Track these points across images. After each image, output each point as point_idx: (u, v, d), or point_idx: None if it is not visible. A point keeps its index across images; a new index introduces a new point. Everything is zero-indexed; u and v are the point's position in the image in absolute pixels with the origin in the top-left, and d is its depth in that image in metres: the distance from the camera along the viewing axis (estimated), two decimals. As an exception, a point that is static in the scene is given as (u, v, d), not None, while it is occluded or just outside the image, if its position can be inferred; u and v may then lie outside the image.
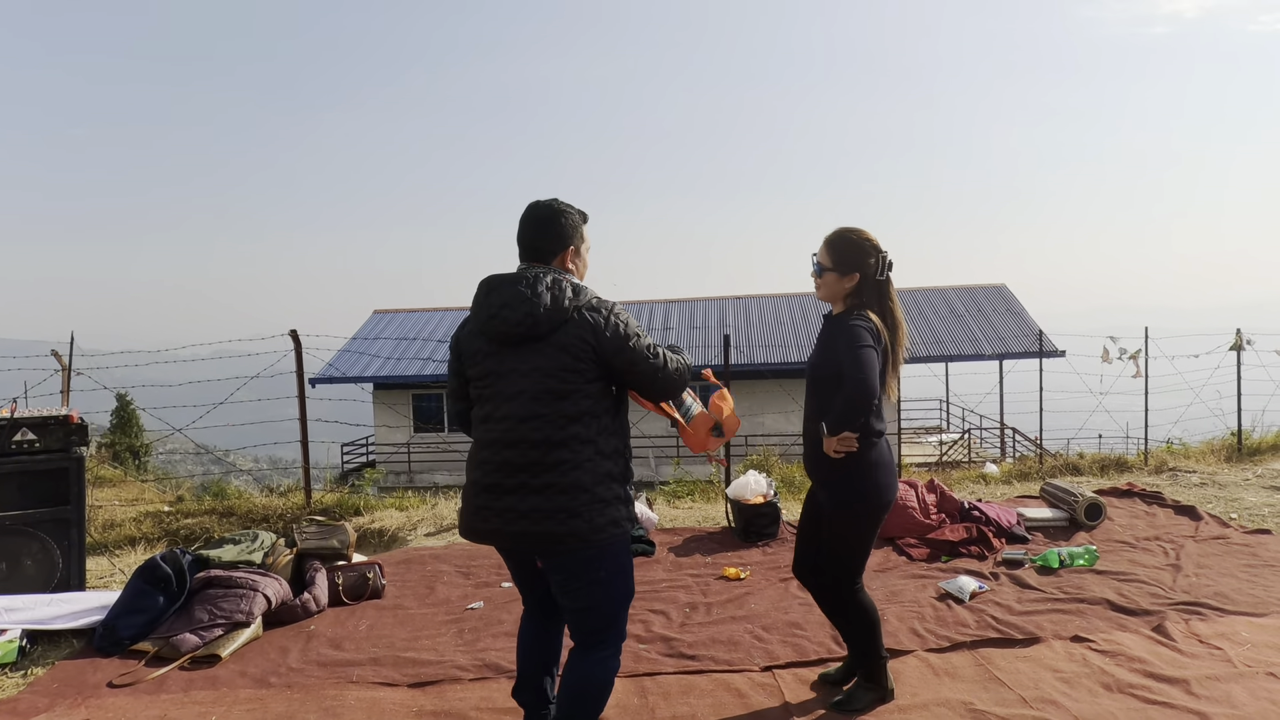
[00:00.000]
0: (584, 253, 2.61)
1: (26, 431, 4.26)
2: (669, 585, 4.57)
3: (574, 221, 2.55)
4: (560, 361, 2.37)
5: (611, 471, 2.44)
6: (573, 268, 2.56)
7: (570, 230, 2.54)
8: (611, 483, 2.43)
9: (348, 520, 6.11)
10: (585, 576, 2.43)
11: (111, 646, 3.72)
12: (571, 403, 2.38)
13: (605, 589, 2.46)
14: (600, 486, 2.40)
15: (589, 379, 2.39)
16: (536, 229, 2.53)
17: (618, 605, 2.52)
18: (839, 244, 2.88)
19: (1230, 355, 8.54)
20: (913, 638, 3.68)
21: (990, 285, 24.01)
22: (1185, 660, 3.38)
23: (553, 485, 2.36)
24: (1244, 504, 6.09)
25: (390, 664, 3.58)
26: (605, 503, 2.40)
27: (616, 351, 2.39)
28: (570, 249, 2.54)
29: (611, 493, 2.42)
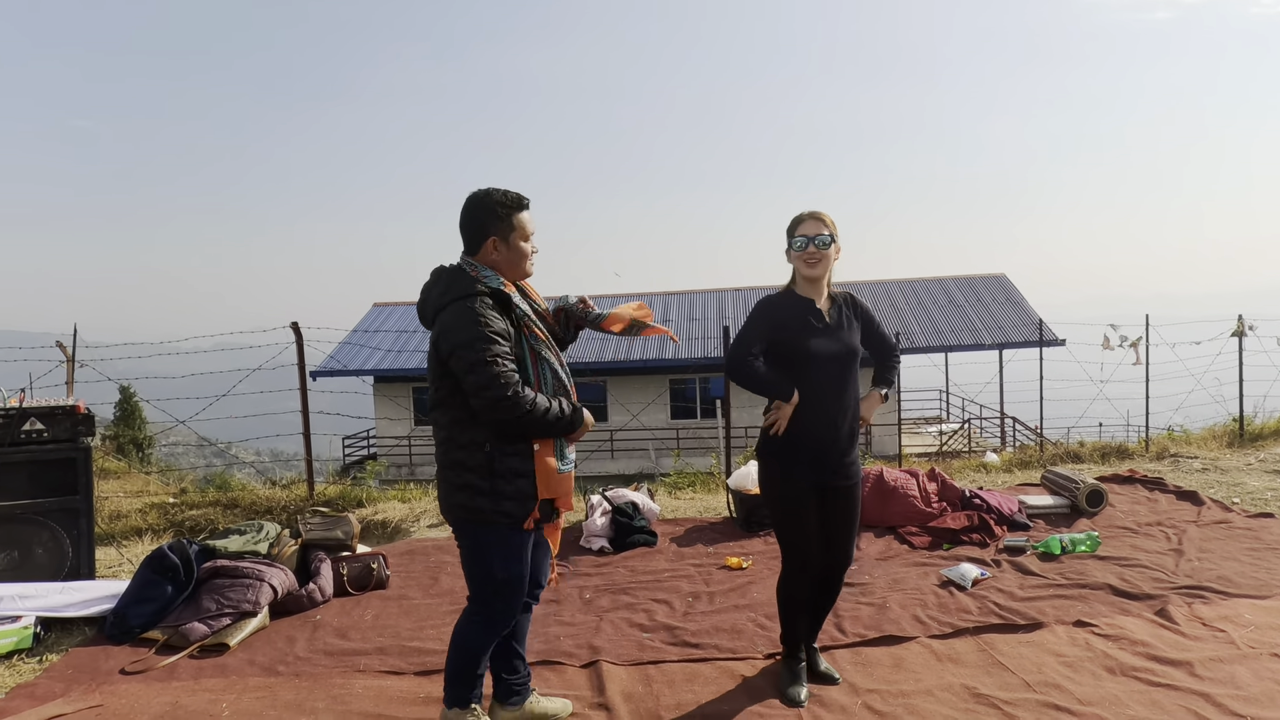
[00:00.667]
0: (514, 241, 2.58)
1: (35, 421, 4.28)
2: (671, 575, 4.60)
3: (493, 212, 2.55)
4: (431, 352, 2.56)
5: (464, 461, 2.54)
6: (497, 257, 2.57)
7: (488, 221, 2.55)
8: (464, 471, 2.54)
9: (351, 512, 6.13)
10: (461, 547, 2.68)
11: (122, 634, 3.77)
12: (434, 391, 2.58)
13: (467, 558, 2.66)
14: (450, 472, 2.57)
15: (441, 374, 2.53)
16: (461, 223, 2.60)
17: (473, 578, 2.67)
18: (828, 216, 2.99)
19: (1231, 342, 8.55)
20: (915, 624, 3.70)
21: (990, 275, 24.02)
22: (1188, 643, 3.39)
23: (438, 460, 2.65)
24: (1246, 488, 6.11)
25: (396, 653, 3.61)
26: (456, 488, 2.56)
27: (450, 355, 2.47)
28: (490, 240, 2.56)
29: (462, 480, 2.54)
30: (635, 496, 5.67)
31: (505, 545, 2.60)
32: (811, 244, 2.93)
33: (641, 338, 3.45)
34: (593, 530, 5.26)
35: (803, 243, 2.94)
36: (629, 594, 4.29)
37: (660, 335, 3.03)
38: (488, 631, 2.69)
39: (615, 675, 3.30)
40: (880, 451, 18.69)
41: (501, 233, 2.55)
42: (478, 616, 2.69)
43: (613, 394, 20.10)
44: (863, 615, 3.83)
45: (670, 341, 21.50)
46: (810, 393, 2.95)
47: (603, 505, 5.50)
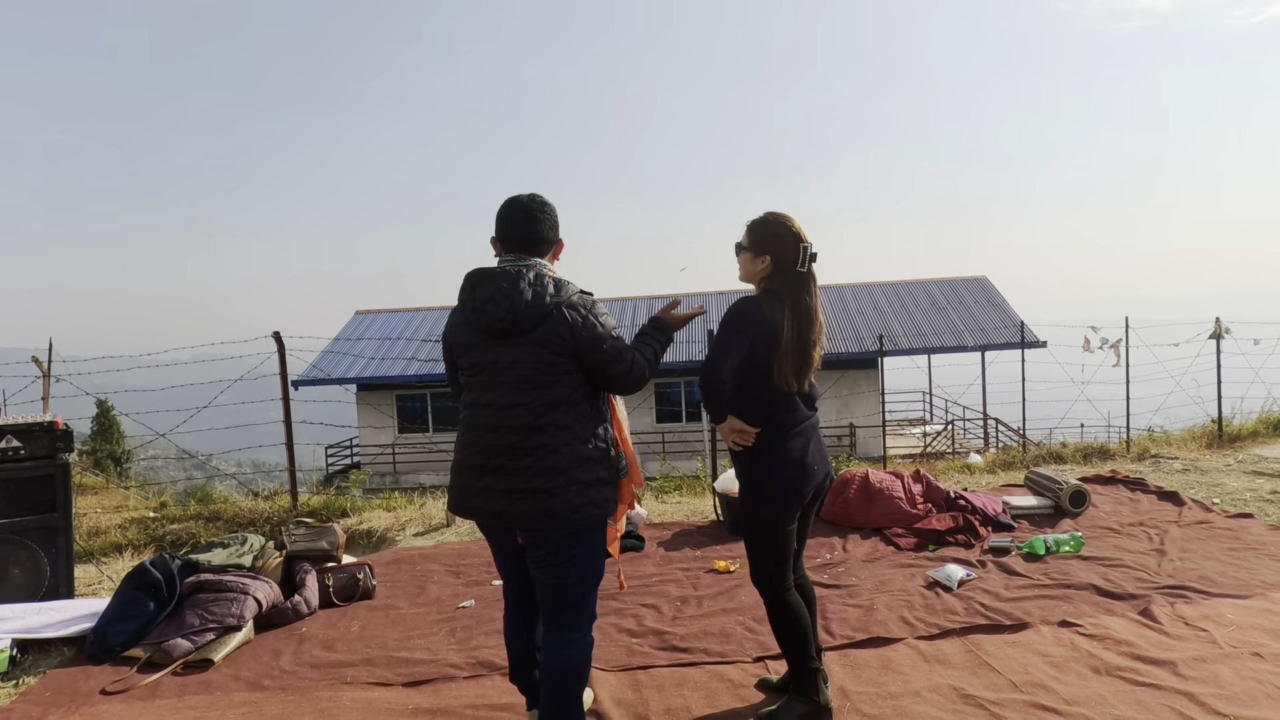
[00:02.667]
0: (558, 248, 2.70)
1: (12, 438, 4.20)
2: (659, 579, 4.59)
3: (557, 217, 2.64)
4: (539, 355, 2.47)
5: (591, 455, 2.52)
6: (555, 261, 2.67)
7: (556, 225, 2.64)
8: (592, 465, 2.52)
9: (336, 522, 6.08)
10: (562, 552, 2.52)
11: (103, 654, 3.69)
12: (550, 392, 2.48)
13: (579, 566, 2.55)
14: (579, 470, 2.50)
15: (567, 371, 2.50)
16: (525, 223, 2.58)
17: (590, 583, 2.60)
18: (758, 226, 2.82)
19: (1209, 344, 8.67)
20: (902, 626, 3.72)
21: (971, 277, 24.24)
22: (1172, 642, 3.43)
23: (530, 468, 2.47)
24: (1226, 489, 6.18)
25: (384, 664, 3.58)
26: (585, 485, 2.50)
27: (589, 351, 2.49)
28: (559, 243, 2.67)
29: (591, 475, 2.52)
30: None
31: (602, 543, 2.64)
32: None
33: None
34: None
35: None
36: (617, 599, 4.28)
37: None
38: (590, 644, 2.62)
39: (605, 681, 3.29)
40: (865, 453, 18.80)
41: (557, 236, 2.67)
42: (585, 630, 2.60)
43: (598, 400, 20.06)
44: (850, 617, 3.84)
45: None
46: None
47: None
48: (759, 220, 2.83)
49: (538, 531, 2.51)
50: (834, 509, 5.57)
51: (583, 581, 2.57)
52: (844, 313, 22.51)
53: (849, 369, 20.29)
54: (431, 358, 20.74)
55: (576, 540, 2.52)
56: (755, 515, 2.85)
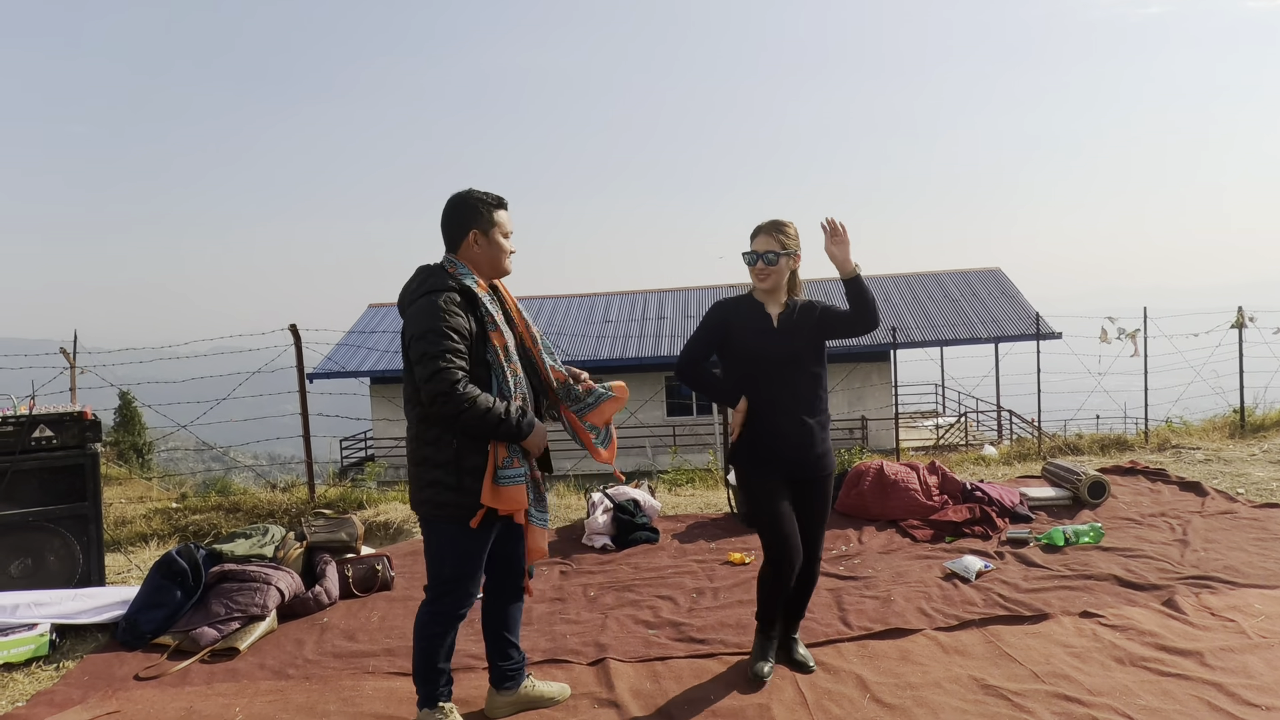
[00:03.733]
0: (494, 236, 2.67)
1: (44, 428, 4.27)
2: (675, 571, 4.60)
3: (476, 209, 2.66)
4: (402, 349, 2.62)
5: (431, 457, 2.58)
6: (478, 253, 2.67)
7: (470, 216, 2.65)
8: (432, 467, 2.59)
9: (354, 513, 6.12)
10: (425, 540, 2.76)
11: (134, 640, 3.77)
12: (407, 385, 2.62)
13: (427, 548, 2.75)
14: (420, 468, 2.62)
15: (408, 368, 2.58)
16: (443, 221, 2.70)
17: (434, 569, 2.74)
18: (784, 228, 3.05)
19: (1230, 333, 8.57)
20: (920, 617, 3.71)
21: (985, 269, 24.07)
22: (1198, 633, 3.39)
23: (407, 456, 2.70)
24: (1251, 479, 6.11)
25: (404, 654, 3.60)
26: (424, 483, 2.62)
27: (407, 346, 2.55)
28: (472, 233, 2.65)
29: (430, 476, 2.60)
30: (636, 494, 5.67)
31: (456, 543, 2.66)
32: (760, 260, 3.04)
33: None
34: (595, 528, 5.27)
35: (751, 259, 3.07)
36: (633, 591, 4.30)
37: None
38: (435, 622, 2.74)
39: (623, 672, 3.31)
40: (877, 445, 18.74)
41: (482, 227, 2.66)
42: (428, 608, 2.76)
43: (609, 392, 20.07)
44: (868, 608, 3.84)
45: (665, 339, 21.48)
46: (763, 394, 3.07)
47: (604, 503, 5.50)
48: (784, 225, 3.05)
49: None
50: (849, 501, 5.56)
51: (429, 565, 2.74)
52: (857, 304, 22.41)
53: (861, 361, 20.21)
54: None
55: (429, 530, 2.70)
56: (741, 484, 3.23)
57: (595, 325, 22.42)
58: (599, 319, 22.85)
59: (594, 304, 23.93)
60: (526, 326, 2.82)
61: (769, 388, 3.05)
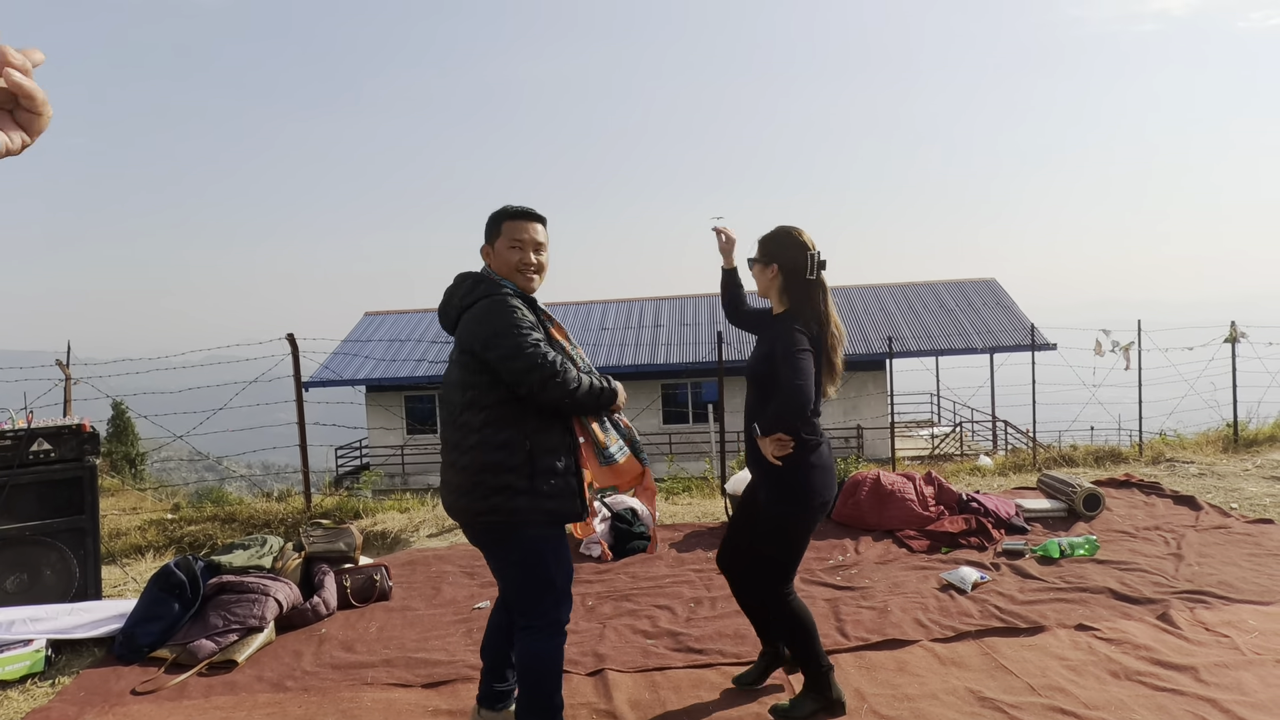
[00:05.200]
0: (499, 247, 2.67)
1: (43, 441, 4.25)
2: (673, 581, 4.61)
3: (488, 223, 2.71)
4: (458, 354, 2.62)
5: (504, 462, 2.50)
6: (492, 260, 2.70)
7: (486, 230, 2.71)
8: (504, 473, 2.50)
9: (351, 523, 6.11)
10: (502, 558, 2.60)
11: (131, 654, 3.75)
12: (461, 392, 2.57)
13: (517, 570, 2.60)
14: (487, 474, 2.50)
15: (474, 371, 2.55)
16: None
17: (535, 590, 2.60)
18: (766, 238, 2.92)
19: (1224, 347, 8.62)
20: (917, 628, 3.72)
21: (980, 279, 24.17)
22: (1192, 648, 3.39)
23: (455, 464, 2.57)
24: (1244, 494, 6.12)
25: (402, 665, 3.61)
26: (493, 490, 2.50)
27: (485, 347, 2.52)
28: (484, 247, 2.72)
29: (501, 481, 2.50)
30: (633, 503, 5.68)
31: (560, 552, 2.62)
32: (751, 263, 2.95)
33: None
34: (591, 537, 5.28)
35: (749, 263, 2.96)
36: (631, 600, 4.31)
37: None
38: (559, 640, 2.62)
39: (621, 683, 3.31)
40: (872, 454, 18.77)
41: (490, 239, 2.69)
42: (545, 631, 2.61)
43: (606, 401, 20.06)
44: (864, 619, 3.85)
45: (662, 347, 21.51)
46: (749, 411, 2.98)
47: (601, 512, 5.51)
48: (767, 234, 2.93)
49: (472, 531, 2.61)
50: (846, 511, 5.58)
51: (525, 586, 2.59)
52: (851, 315, 22.48)
53: (856, 371, 20.26)
54: (441, 359, 20.80)
55: (510, 545, 2.56)
56: (795, 521, 2.85)
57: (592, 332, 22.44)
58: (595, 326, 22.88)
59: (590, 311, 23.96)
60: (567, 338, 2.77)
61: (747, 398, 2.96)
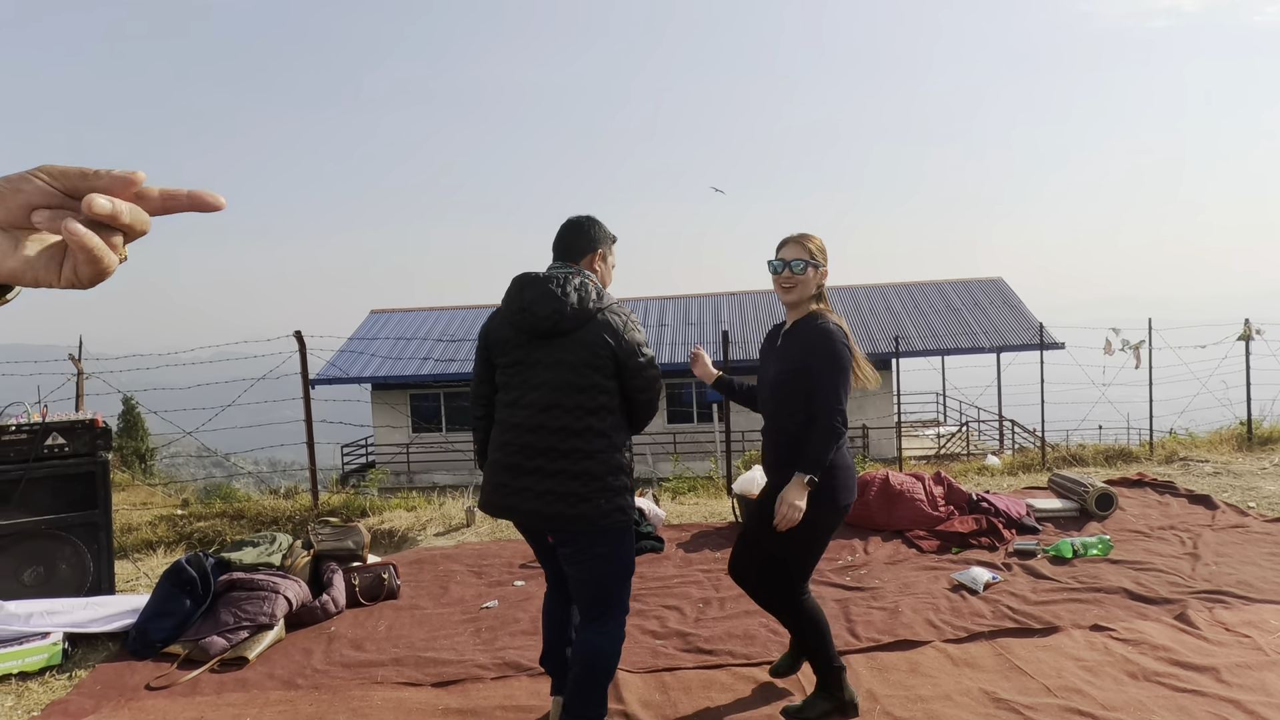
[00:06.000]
0: (610, 262, 2.80)
1: (57, 436, 4.26)
2: (681, 581, 4.59)
3: (603, 232, 2.78)
4: (582, 357, 2.54)
5: (622, 464, 2.61)
6: (598, 269, 2.75)
7: (599, 237, 2.76)
8: (621, 474, 2.60)
9: (359, 521, 6.11)
10: (591, 550, 2.61)
11: (144, 649, 3.78)
12: (589, 396, 2.55)
13: (608, 563, 2.63)
14: (611, 476, 2.58)
15: (607, 375, 2.57)
16: (570, 232, 2.75)
17: (619, 578, 2.68)
18: (812, 240, 2.87)
19: (1237, 345, 8.55)
20: (929, 629, 3.70)
21: (987, 279, 24.09)
22: (1212, 648, 3.34)
23: (566, 471, 2.54)
24: (1262, 493, 6.03)
25: (412, 664, 3.60)
26: (615, 491, 2.58)
27: (628, 356, 2.58)
28: (598, 252, 2.74)
29: (620, 482, 2.60)
30: (641, 502, 5.67)
31: (631, 550, 2.71)
32: (788, 268, 2.81)
33: None
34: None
35: (778, 266, 2.85)
36: (639, 601, 4.29)
37: None
38: (622, 634, 2.71)
39: (631, 683, 3.29)
40: (878, 454, 18.71)
41: (606, 250, 2.78)
42: (613, 626, 2.66)
43: (612, 400, 20.05)
44: (875, 620, 3.82)
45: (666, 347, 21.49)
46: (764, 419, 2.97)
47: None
48: (810, 236, 2.90)
49: (567, 533, 2.59)
50: (854, 511, 5.55)
51: (611, 577, 2.65)
52: (857, 314, 22.42)
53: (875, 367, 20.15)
54: (445, 357, 20.81)
55: (604, 538, 2.59)
56: (822, 524, 2.82)
57: (597, 332, 22.45)
58: (600, 326, 22.90)
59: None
60: None
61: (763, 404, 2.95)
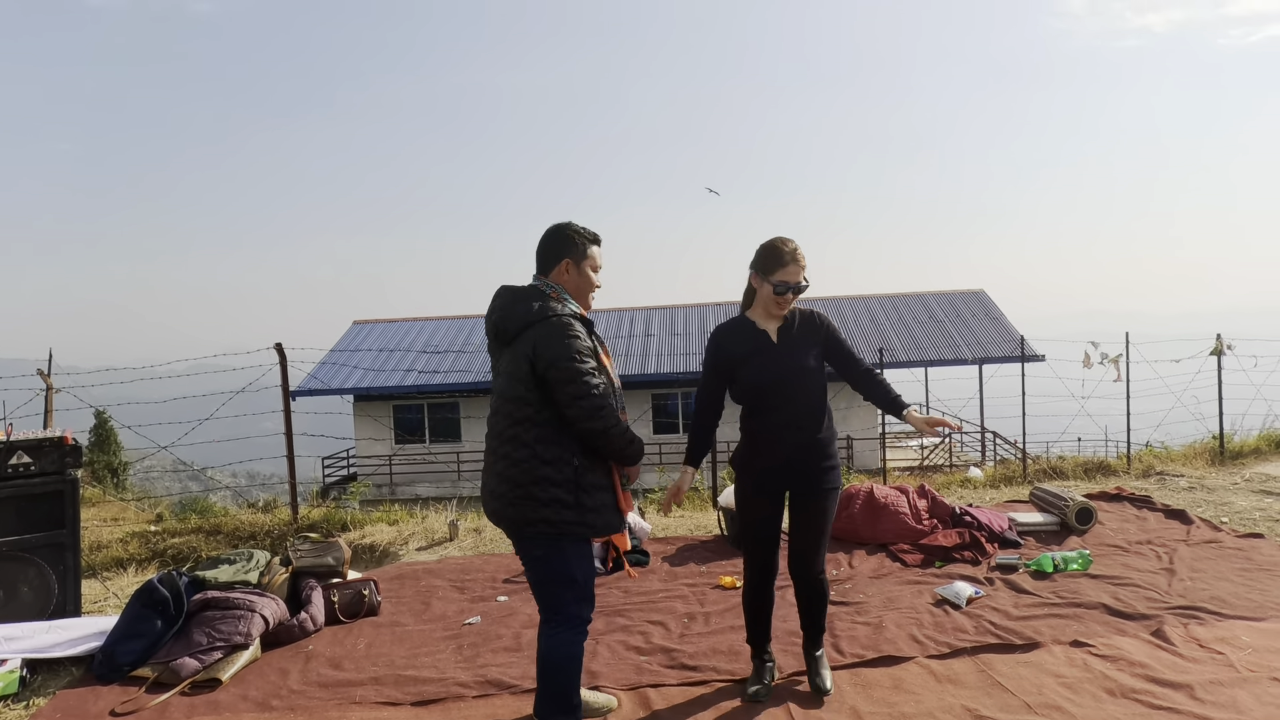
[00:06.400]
0: (585, 269, 2.79)
1: (22, 454, 4.15)
2: (665, 595, 4.57)
3: (570, 240, 2.77)
4: (510, 369, 2.67)
5: (551, 477, 2.62)
6: (570, 277, 2.78)
7: (564, 245, 2.77)
8: (551, 486, 2.62)
9: (339, 536, 6.04)
10: (528, 551, 2.73)
11: (111, 673, 3.64)
12: (516, 406, 2.65)
13: (544, 566, 2.72)
14: (536, 488, 2.62)
15: (529, 388, 2.63)
16: (540, 244, 2.82)
17: (559, 585, 2.73)
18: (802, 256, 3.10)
19: (1210, 360, 8.67)
20: (912, 644, 3.69)
21: (969, 291, 24.33)
22: (1187, 665, 3.37)
23: (502, 474, 2.68)
24: (1234, 508, 6.11)
25: (391, 683, 3.54)
26: (541, 503, 2.62)
27: (546, 369, 2.60)
28: (565, 261, 2.76)
29: (549, 495, 2.62)
30: (629, 516, 5.64)
31: (583, 554, 2.74)
32: (791, 291, 3.04)
33: None
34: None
35: (782, 288, 3.03)
36: (624, 615, 4.26)
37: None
38: (579, 636, 2.77)
39: (615, 701, 3.27)
40: (862, 465, 18.78)
41: (575, 257, 2.77)
42: (567, 629, 2.75)
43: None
44: (859, 635, 3.82)
45: (652, 357, 21.50)
46: (770, 411, 3.10)
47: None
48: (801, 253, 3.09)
49: (505, 529, 2.73)
50: (839, 524, 5.55)
51: (550, 582, 2.72)
52: (840, 325, 22.51)
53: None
54: (429, 368, 20.69)
55: (535, 543, 2.68)
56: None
57: (581, 344, 22.43)
58: (584, 337, 22.89)
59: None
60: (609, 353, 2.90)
61: (771, 406, 3.08)
